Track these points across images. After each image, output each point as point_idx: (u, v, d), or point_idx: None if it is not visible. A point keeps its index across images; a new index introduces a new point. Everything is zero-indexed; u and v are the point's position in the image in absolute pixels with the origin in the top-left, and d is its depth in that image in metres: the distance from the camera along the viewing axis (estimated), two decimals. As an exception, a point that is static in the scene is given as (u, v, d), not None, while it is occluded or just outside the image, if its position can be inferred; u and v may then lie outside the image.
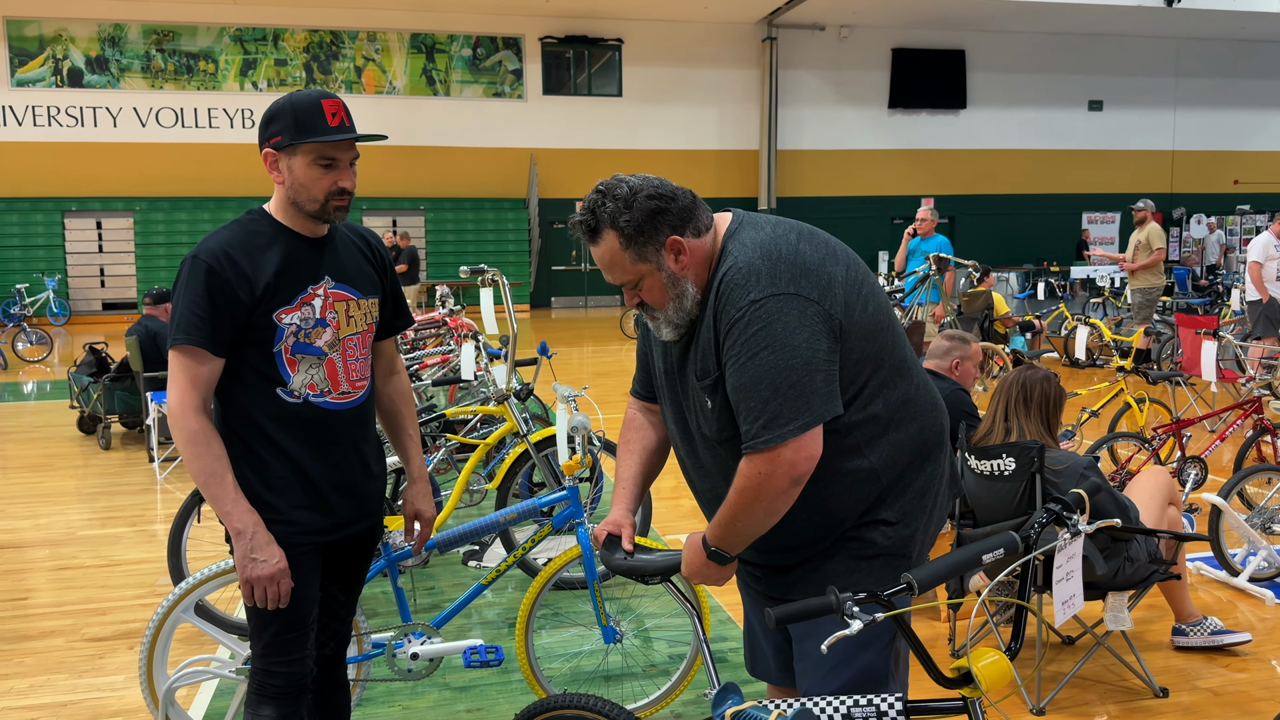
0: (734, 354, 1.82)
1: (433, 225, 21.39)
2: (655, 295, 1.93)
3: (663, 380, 2.09)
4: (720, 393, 1.90)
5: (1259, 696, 3.49)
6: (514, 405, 4.64)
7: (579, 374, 11.75)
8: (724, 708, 1.77)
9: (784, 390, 1.78)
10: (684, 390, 2.02)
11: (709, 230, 1.94)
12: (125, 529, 5.64)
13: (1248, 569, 4.50)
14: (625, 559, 2.09)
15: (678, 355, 2.02)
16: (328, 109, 2.15)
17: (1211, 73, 24.97)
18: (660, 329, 1.98)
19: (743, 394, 1.81)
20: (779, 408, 1.78)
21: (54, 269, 19.64)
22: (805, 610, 1.67)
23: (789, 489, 1.84)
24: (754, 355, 1.79)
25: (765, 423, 1.79)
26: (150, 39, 20.01)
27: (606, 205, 1.90)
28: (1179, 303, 13.70)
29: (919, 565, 2.06)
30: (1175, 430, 5.78)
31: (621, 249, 1.90)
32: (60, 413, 9.33)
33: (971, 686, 1.73)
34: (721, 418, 1.92)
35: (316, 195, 2.17)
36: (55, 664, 3.84)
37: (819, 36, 22.79)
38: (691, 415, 2.02)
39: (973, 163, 23.93)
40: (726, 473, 1.98)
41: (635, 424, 2.24)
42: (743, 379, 1.81)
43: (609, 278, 1.97)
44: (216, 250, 2.12)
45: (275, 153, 2.16)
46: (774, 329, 1.78)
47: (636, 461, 2.20)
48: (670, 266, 1.90)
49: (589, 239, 1.94)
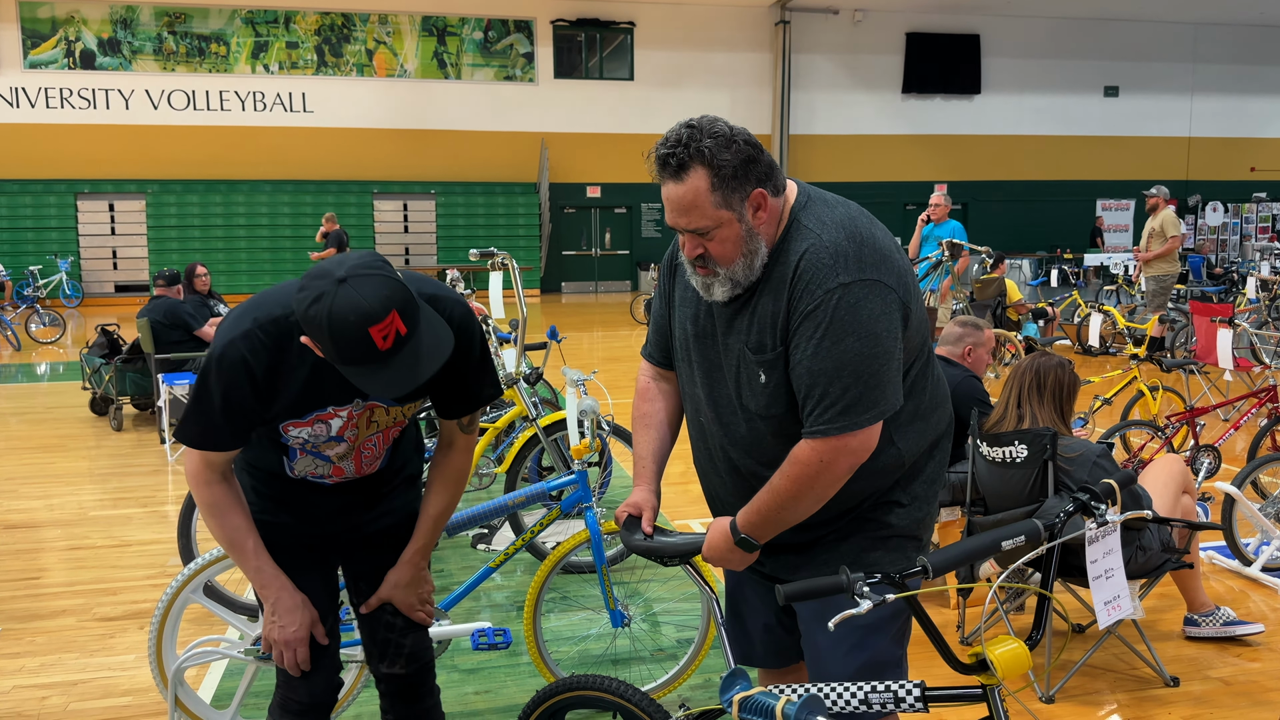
0: (816, 336, 1.77)
1: (443, 209, 21.37)
2: (727, 248, 1.82)
3: (692, 345, 2.01)
4: (779, 370, 1.85)
5: (1271, 686, 3.47)
6: (523, 389, 4.63)
7: (589, 358, 11.74)
8: (732, 693, 1.76)
9: (864, 379, 1.76)
10: (725, 358, 1.94)
11: (782, 194, 1.87)
12: (136, 510, 5.67)
13: (1261, 558, 4.47)
14: (644, 540, 2.07)
15: (725, 321, 1.93)
16: (376, 336, 1.74)
17: (1229, 58, 24.69)
18: (714, 288, 1.87)
19: (821, 378, 1.78)
20: (857, 396, 1.76)
21: (67, 251, 19.71)
22: (815, 588, 1.65)
23: (844, 477, 1.82)
24: (839, 341, 1.76)
25: (842, 409, 1.77)
26: (162, 21, 20.00)
27: (703, 141, 1.78)
28: (1193, 290, 13.60)
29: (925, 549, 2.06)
30: (1189, 419, 5.73)
31: (709, 190, 1.78)
32: (73, 394, 9.37)
33: (987, 674, 1.71)
34: (775, 394, 1.87)
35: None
36: (66, 643, 3.86)
37: (832, 20, 22.62)
38: (731, 384, 1.94)
39: (987, 149, 23.76)
40: (761, 445, 1.94)
41: (650, 394, 2.17)
42: (824, 364, 1.77)
43: (680, 220, 1.83)
44: (238, 363, 1.90)
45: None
46: (860, 316, 1.75)
47: (655, 437, 2.14)
48: (750, 221, 1.82)
49: (671, 175, 1.81)
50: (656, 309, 2.16)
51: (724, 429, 2.00)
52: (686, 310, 2.02)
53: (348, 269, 1.76)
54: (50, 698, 3.43)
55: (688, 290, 2.03)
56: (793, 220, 1.86)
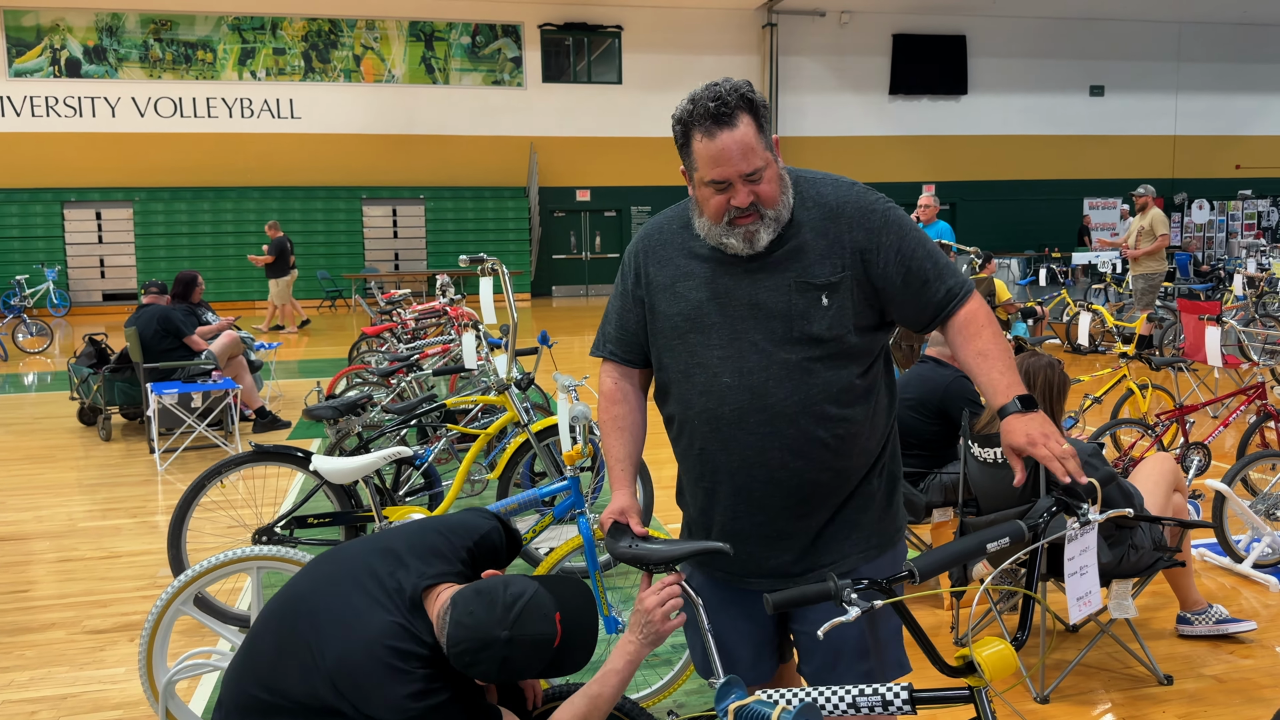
0: (904, 234, 2.04)
1: (432, 214, 21.34)
2: (772, 188, 1.97)
3: (707, 307, 2.04)
4: (841, 292, 2.00)
5: (1264, 684, 3.48)
6: (515, 395, 4.62)
7: (580, 363, 11.73)
8: (728, 701, 1.76)
9: (940, 250, 2.10)
10: (758, 303, 2.01)
11: None
12: (126, 520, 5.63)
13: (1252, 555, 4.48)
14: (630, 547, 2.06)
15: (755, 268, 2.02)
16: (552, 649, 1.92)
17: (1213, 57, 24.85)
18: (759, 235, 1.98)
19: (934, 258, 2.05)
20: (949, 261, 2.08)
21: (54, 260, 19.61)
22: (804, 596, 1.65)
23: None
24: (913, 231, 2.06)
25: (959, 274, 2.07)
26: (148, 28, 19.94)
27: (743, 90, 1.94)
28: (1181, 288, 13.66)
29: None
30: (1178, 416, 5.75)
31: (757, 132, 1.93)
32: (60, 404, 9.32)
33: (976, 676, 1.71)
34: (839, 315, 2.00)
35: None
36: (56, 656, 3.83)
37: (819, 22, 22.68)
38: (780, 322, 2.00)
39: (974, 149, 23.85)
40: (810, 376, 2.00)
41: (617, 397, 2.19)
42: (927, 246, 2.06)
43: (741, 165, 1.92)
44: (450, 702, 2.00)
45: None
46: (909, 220, 2.10)
47: (630, 439, 2.17)
48: (780, 161, 2.02)
49: (724, 124, 1.91)
50: (620, 307, 2.18)
51: (765, 374, 2.01)
52: (689, 283, 2.06)
53: (510, 625, 1.86)
54: (40, 712, 3.40)
55: (681, 262, 2.09)
56: (795, 178, 2.07)
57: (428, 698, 1.86)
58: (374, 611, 1.92)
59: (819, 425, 2.01)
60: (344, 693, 1.85)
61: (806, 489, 2.03)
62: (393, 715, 1.83)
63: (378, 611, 1.91)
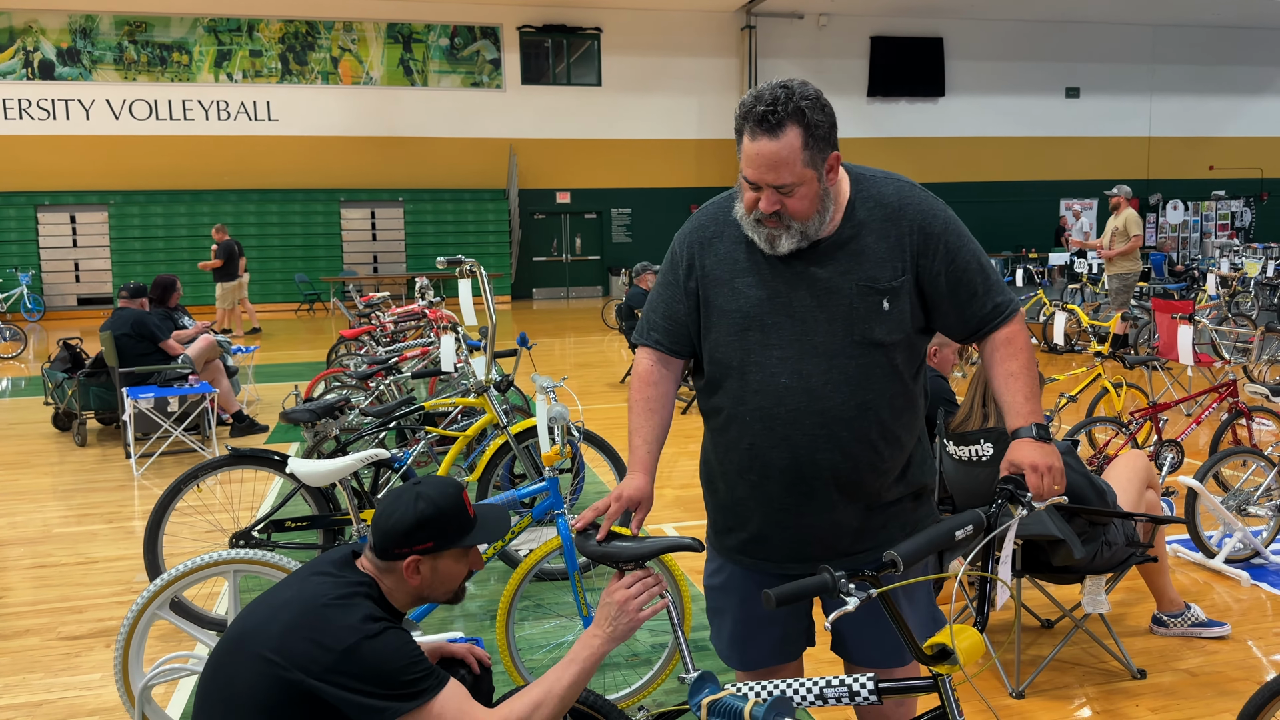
0: (962, 243, 2.06)
1: (411, 217, 21.26)
2: (804, 205, 1.95)
3: (766, 306, 2.04)
4: (902, 296, 2.02)
5: (1235, 676, 3.53)
6: (493, 397, 4.61)
7: (561, 365, 11.72)
8: (700, 696, 1.78)
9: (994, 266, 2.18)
10: (828, 301, 2.02)
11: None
12: (102, 526, 5.58)
13: (1223, 551, 4.54)
14: (600, 546, 2.09)
15: (814, 269, 2.02)
16: (465, 500, 2.09)
17: (1187, 59, 25.14)
18: (780, 240, 1.98)
19: (986, 272, 2.07)
20: (1001, 279, 2.10)
21: (27, 264, 19.41)
22: (802, 590, 1.68)
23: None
24: (972, 240, 2.08)
25: (1009, 291, 2.09)
26: (122, 30, 19.77)
27: (800, 101, 1.89)
28: (1155, 288, 13.81)
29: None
30: (1152, 414, 5.82)
31: (801, 149, 1.90)
32: (35, 409, 9.22)
33: (948, 663, 1.75)
34: (899, 320, 2.03)
35: (453, 586, 2.11)
36: (31, 663, 3.80)
37: (798, 25, 22.78)
38: (841, 324, 2.01)
39: (951, 150, 24.02)
40: (868, 380, 2.03)
41: (652, 379, 2.18)
42: (981, 259, 2.08)
43: (767, 176, 1.91)
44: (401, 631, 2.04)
45: (421, 558, 2.03)
46: (964, 225, 2.13)
47: (658, 422, 2.16)
48: (826, 181, 1.97)
49: (767, 131, 1.89)
50: (670, 297, 2.16)
51: (824, 377, 2.02)
52: (748, 280, 2.06)
53: (417, 483, 2.06)
54: (14, 719, 3.37)
55: (740, 259, 2.08)
56: (856, 176, 2.07)
57: (381, 622, 1.90)
58: (305, 585, 1.96)
59: (873, 429, 2.04)
60: (294, 655, 1.85)
61: (853, 488, 2.07)
62: (353, 636, 1.85)
63: (309, 583, 1.96)
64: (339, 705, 1.84)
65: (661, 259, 22.11)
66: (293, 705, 1.85)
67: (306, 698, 1.84)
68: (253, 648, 1.88)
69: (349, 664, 1.83)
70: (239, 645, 1.92)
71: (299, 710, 1.85)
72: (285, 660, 1.84)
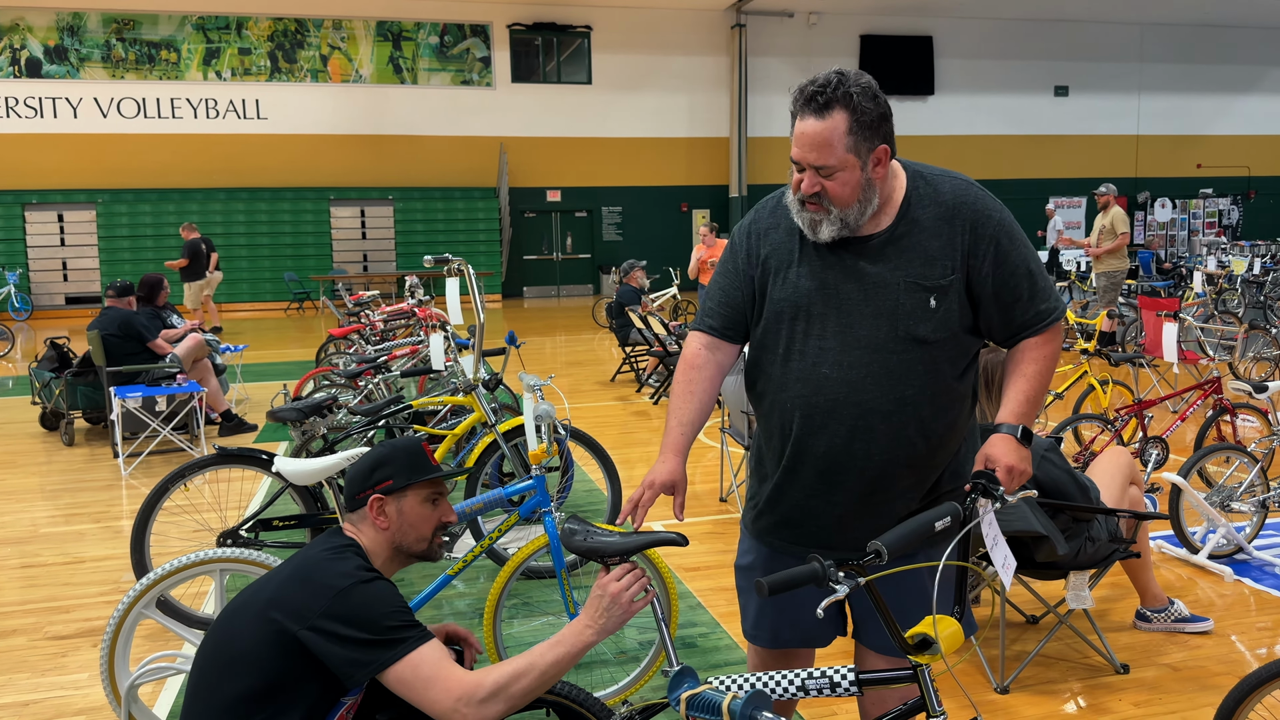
0: (1014, 246, 2.06)
1: (401, 215, 21.23)
2: (845, 191, 1.99)
3: (814, 297, 2.08)
4: (950, 295, 2.03)
5: (1217, 671, 3.56)
6: (481, 395, 4.62)
7: (551, 363, 11.73)
8: (680, 691, 1.79)
9: (1046, 272, 2.10)
10: (876, 295, 2.04)
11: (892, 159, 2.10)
12: (90, 525, 5.57)
13: (1207, 546, 4.58)
14: (585, 540, 2.11)
15: (868, 263, 2.05)
16: (426, 449, 2.18)
17: (1175, 58, 25.26)
18: (822, 227, 2.03)
19: (1035, 279, 2.07)
20: (1052, 285, 2.10)
21: (15, 263, 19.32)
22: (793, 579, 1.71)
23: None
24: (1027, 244, 2.08)
25: (1056, 298, 2.09)
26: (110, 28, 19.68)
27: (851, 86, 1.95)
28: (1143, 285, 13.87)
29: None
30: (1137, 411, 5.86)
31: (846, 132, 1.95)
32: (22, 409, 9.18)
33: (930, 652, 1.78)
34: (945, 318, 2.03)
35: (425, 533, 2.16)
36: (17, 663, 3.79)
37: (788, 23, 22.81)
38: (887, 319, 2.04)
39: (941, 149, 24.08)
40: (909, 375, 2.04)
41: (697, 363, 2.20)
42: (1032, 264, 2.07)
43: (810, 155, 1.97)
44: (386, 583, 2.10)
45: (384, 498, 2.11)
46: (1020, 228, 2.13)
47: (697, 405, 2.18)
48: (870, 171, 2.00)
49: (815, 111, 1.96)
50: (727, 284, 2.20)
51: (864, 370, 2.05)
52: (803, 268, 2.10)
53: (380, 446, 2.17)
54: (1, 719, 3.36)
55: (794, 250, 2.12)
56: (914, 174, 2.09)
57: (373, 573, 1.98)
58: (301, 553, 2.04)
59: (910, 425, 2.06)
60: (289, 605, 1.91)
61: (885, 481, 2.09)
62: (346, 580, 1.93)
63: (304, 552, 2.04)
64: (325, 659, 1.89)
65: (651, 257, 22.14)
66: (286, 661, 1.89)
67: (300, 653, 1.89)
68: (253, 608, 1.95)
69: (341, 606, 1.89)
70: (239, 609, 1.98)
71: (291, 666, 1.89)
72: (282, 613, 1.90)
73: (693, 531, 5.24)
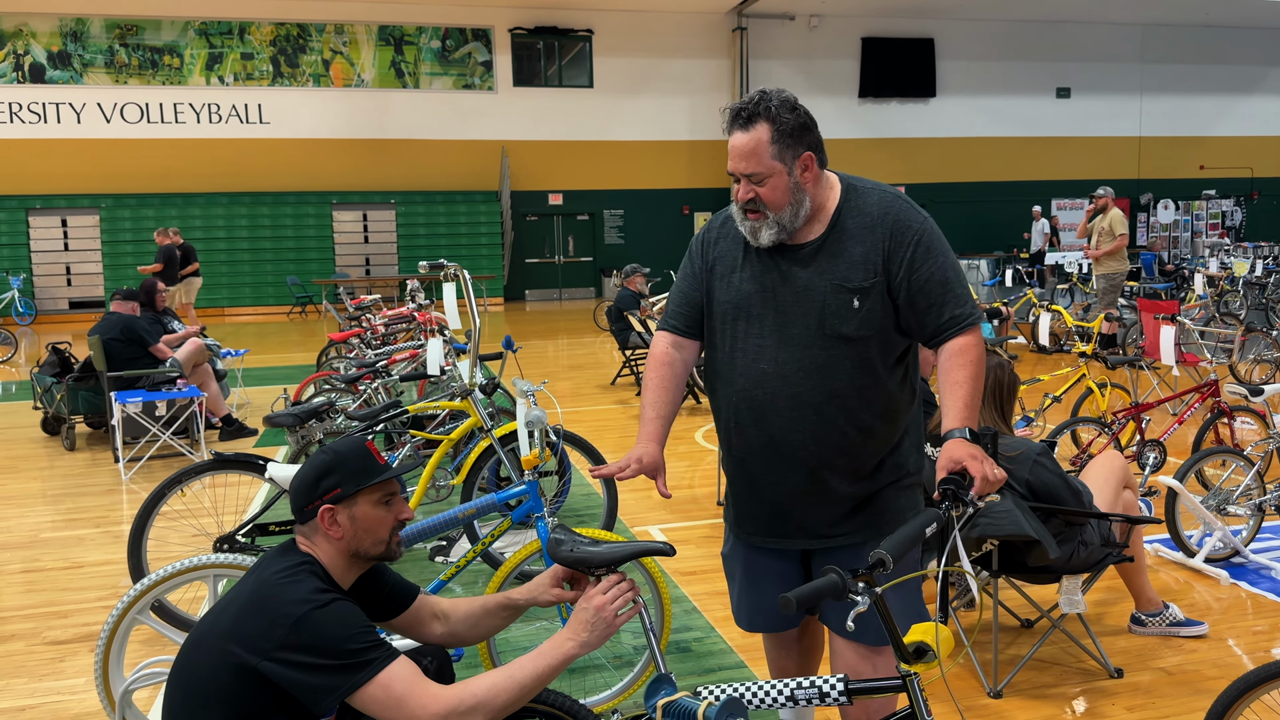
0: (930, 255, 2.21)
1: (404, 219, 21.27)
2: (777, 195, 2.19)
3: (754, 300, 2.29)
4: (873, 296, 2.21)
5: (1212, 675, 3.56)
6: (478, 400, 4.63)
7: (553, 367, 11.74)
8: (657, 698, 1.80)
9: (965, 282, 2.26)
10: (805, 298, 2.24)
11: (826, 168, 2.29)
12: (90, 530, 5.59)
13: (1203, 550, 4.57)
14: (571, 551, 2.11)
15: (799, 269, 2.24)
16: (371, 448, 2.14)
17: (1177, 58, 25.23)
18: (761, 232, 2.23)
19: (949, 287, 2.21)
20: (968, 294, 2.24)
21: (19, 268, 19.38)
22: (817, 592, 1.75)
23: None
24: (945, 255, 2.23)
25: (971, 306, 2.21)
26: (113, 33, 19.75)
27: (771, 101, 2.18)
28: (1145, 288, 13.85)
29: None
30: (1135, 414, 5.85)
31: (769, 142, 2.17)
32: (24, 414, 9.22)
33: (926, 660, 1.78)
34: (868, 317, 2.21)
35: (382, 536, 2.10)
36: (15, 668, 3.81)
37: (789, 26, 22.82)
38: (815, 319, 2.23)
39: (943, 151, 24.08)
40: (835, 370, 2.23)
41: (665, 360, 2.43)
42: (947, 273, 2.21)
43: (740, 165, 2.19)
44: (345, 600, 2.04)
45: (334, 507, 2.05)
46: (944, 242, 2.27)
47: (668, 399, 2.40)
48: (798, 176, 2.20)
49: (741, 125, 2.18)
50: (685, 287, 2.44)
51: (797, 365, 2.25)
52: (745, 273, 2.31)
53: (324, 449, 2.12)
54: (-3, 724, 3.38)
55: (739, 257, 2.33)
56: (847, 186, 2.28)
57: (329, 594, 1.92)
58: (255, 575, 1.99)
59: (839, 416, 2.24)
60: (248, 638, 1.86)
61: (824, 470, 2.28)
62: (302, 607, 1.87)
63: (258, 573, 1.99)
64: (291, 689, 1.85)
65: (653, 260, 22.11)
66: (251, 693, 1.86)
67: (263, 685, 1.85)
68: (211, 640, 1.90)
69: (298, 635, 1.84)
70: (199, 641, 1.94)
71: (256, 699, 1.86)
72: (240, 646, 1.86)
73: (689, 536, 5.25)
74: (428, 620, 2.30)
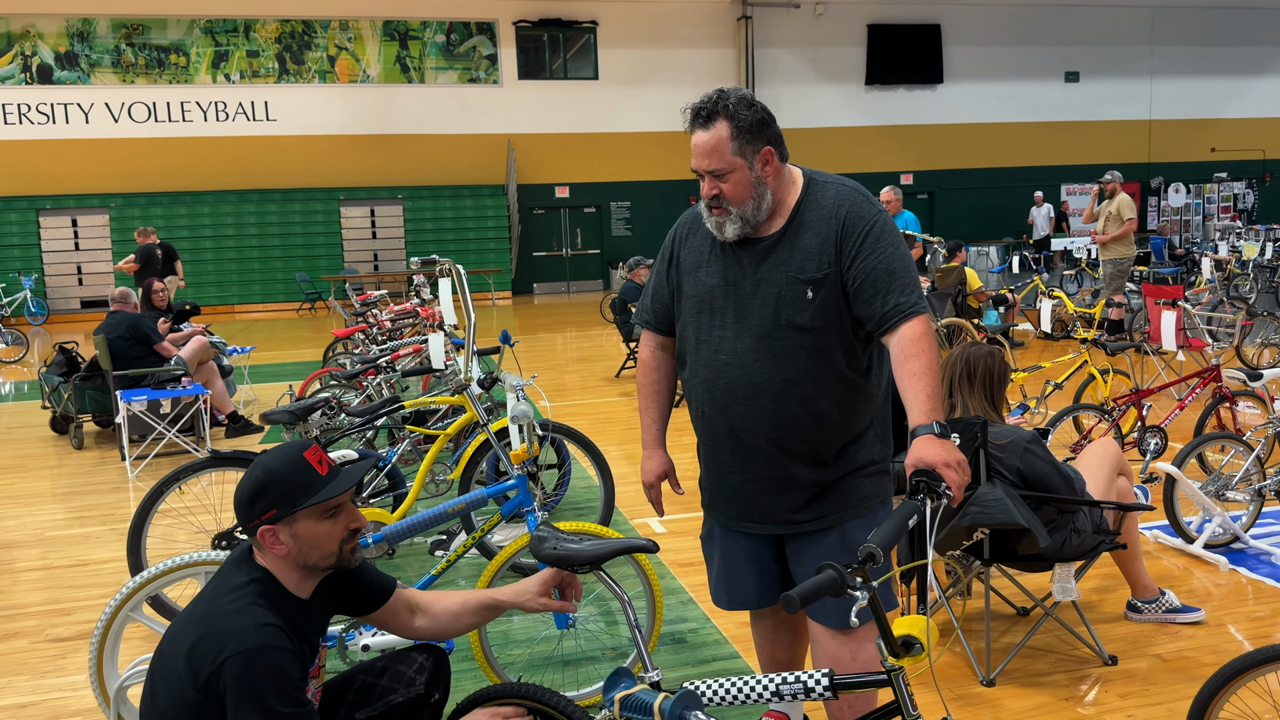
0: (880, 245, 2.25)
1: (411, 214, 21.31)
2: (739, 191, 2.26)
3: (718, 292, 2.37)
4: (826, 286, 2.27)
5: (1207, 662, 3.55)
6: (474, 395, 4.65)
7: (560, 359, 11.77)
8: (614, 691, 1.81)
9: (914, 274, 2.29)
10: (763, 289, 2.31)
11: (787, 162, 2.36)
12: (97, 528, 5.65)
13: (1203, 536, 4.56)
14: (554, 549, 2.12)
15: (759, 261, 2.31)
16: (311, 459, 2.01)
17: (1186, 40, 24.99)
18: (726, 226, 2.30)
19: (894, 275, 2.23)
20: (916, 285, 2.26)
21: (30, 268, 19.53)
22: (817, 588, 1.77)
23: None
24: (895, 246, 2.26)
25: (917, 296, 2.24)
26: (120, 33, 19.83)
27: (729, 99, 2.24)
28: (1154, 272, 13.77)
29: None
30: (1135, 400, 5.83)
31: (729, 139, 2.24)
32: (34, 413, 9.30)
33: (914, 653, 1.79)
34: (821, 308, 2.28)
35: (330, 549, 2.02)
36: (17, 665, 3.86)
37: (794, 14, 22.72)
38: (771, 309, 2.31)
39: (951, 137, 23.94)
40: (790, 358, 2.30)
41: (653, 365, 2.60)
42: (894, 263, 2.24)
43: (703, 163, 2.26)
44: (281, 649, 1.92)
45: (273, 527, 1.97)
46: (896, 232, 2.31)
47: (661, 403, 2.61)
48: (759, 171, 2.27)
49: (701, 124, 2.26)
50: (657, 283, 2.54)
51: (754, 355, 2.32)
52: (710, 267, 2.39)
53: (263, 455, 2.06)
54: (-1, 721, 3.43)
55: (705, 252, 2.41)
56: (809, 180, 2.35)
57: (270, 630, 1.87)
58: (210, 592, 1.97)
59: (797, 404, 2.31)
60: (191, 668, 1.85)
61: (783, 456, 2.36)
62: (237, 647, 1.83)
63: (212, 589, 1.98)
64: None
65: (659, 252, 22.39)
66: (199, 714, 1.87)
67: (208, 711, 1.86)
68: (167, 663, 1.91)
69: (226, 673, 1.81)
70: (160, 660, 1.95)
71: (206, 715, 1.87)
72: (185, 669, 1.86)
73: (684, 527, 5.27)
74: (405, 614, 2.32)
